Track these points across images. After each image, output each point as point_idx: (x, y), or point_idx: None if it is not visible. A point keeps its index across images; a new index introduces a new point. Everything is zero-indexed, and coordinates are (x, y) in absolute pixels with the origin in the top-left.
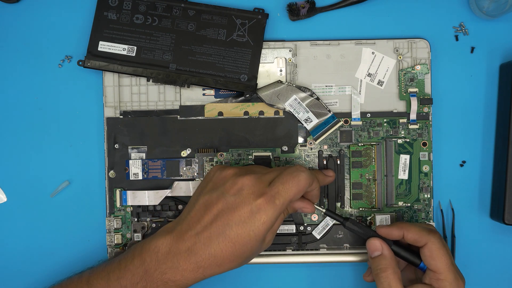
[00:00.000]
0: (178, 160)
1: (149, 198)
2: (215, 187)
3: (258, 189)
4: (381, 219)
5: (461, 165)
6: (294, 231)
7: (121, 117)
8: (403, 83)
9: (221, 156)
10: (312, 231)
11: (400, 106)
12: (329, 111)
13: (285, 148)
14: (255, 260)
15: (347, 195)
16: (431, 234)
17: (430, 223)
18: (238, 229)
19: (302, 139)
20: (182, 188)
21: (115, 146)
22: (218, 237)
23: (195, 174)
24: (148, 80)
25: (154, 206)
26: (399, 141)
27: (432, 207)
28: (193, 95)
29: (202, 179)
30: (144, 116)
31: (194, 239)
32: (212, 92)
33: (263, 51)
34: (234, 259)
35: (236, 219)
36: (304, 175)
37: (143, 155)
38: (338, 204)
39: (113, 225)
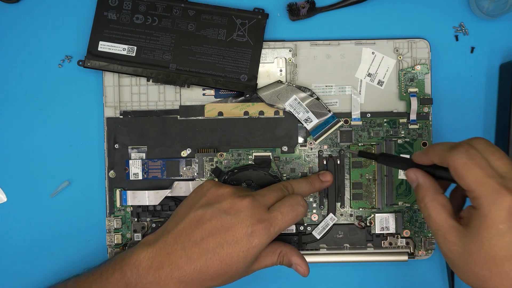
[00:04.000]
0: (178, 160)
1: (149, 198)
2: (209, 203)
3: (256, 214)
4: (381, 219)
5: None
6: (294, 231)
7: (121, 117)
8: (403, 83)
9: (221, 156)
10: (312, 231)
11: (400, 106)
12: (329, 111)
13: (285, 148)
14: None
15: (347, 195)
16: (452, 151)
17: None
18: (229, 248)
19: (302, 139)
20: (182, 188)
21: (115, 146)
22: (207, 254)
23: (195, 174)
24: (148, 80)
25: (154, 206)
26: (399, 141)
27: None
28: (193, 95)
29: (194, 189)
30: (144, 116)
31: (180, 253)
32: (212, 92)
33: (263, 51)
34: (217, 277)
35: (229, 239)
36: (303, 210)
37: (143, 155)
38: (338, 204)
39: (113, 225)
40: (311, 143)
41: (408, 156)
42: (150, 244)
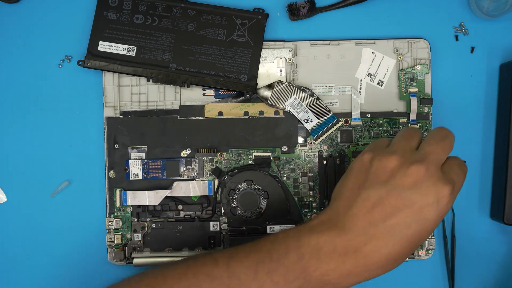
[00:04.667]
0: (178, 160)
1: (149, 198)
2: (380, 181)
3: (438, 178)
4: None
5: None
6: None
7: (121, 117)
8: (403, 83)
9: (221, 156)
10: None
11: (400, 106)
12: (329, 111)
13: (285, 148)
14: None
15: None
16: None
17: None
18: (418, 226)
19: (302, 139)
20: (182, 188)
21: (115, 146)
22: (394, 237)
23: (195, 174)
24: (148, 80)
25: (154, 206)
26: None
27: None
28: (193, 95)
29: (349, 168)
30: (144, 116)
31: (363, 239)
32: (212, 92)
33: (263, 51)
34: (400, 260)
35: (416, 216)
36: (466, 169)
37: (143, 155)
38: None
39: (113, 225)
40: (311, 143)
41: None
42: (329, 227)
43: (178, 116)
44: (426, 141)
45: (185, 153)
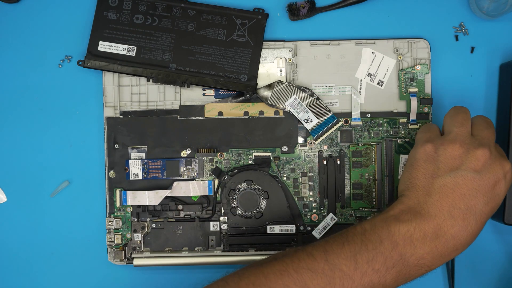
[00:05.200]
0: (178, 160)
1: (149, 198)
2: (452, 168)
3: (499, 157)
4: None
5: None
6: (294, 231)
7: (121, 117)
8: (403, 83)
9: (221, 156)
10: (312, 231)
11: (400, 106)
12: (329, 111)
13: (285, 148)
14: (253, 259)
15: (347, 195)
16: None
17: None
18: (493, 202)
19: (302, 139)
20: (182, 188)
21: (115, 146)
22: (476, 216)
23: (195, 174)
24: (148, 80)
25: (154, 206)
26: (399, 141)
27: None
28: (193, 95)
29: (414, 159)
30: (144, 116)
31: (451, 222)
32: (212, 92)
33: (263, 51)
34: (478, 235)
35: (491, 194)
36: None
37: (143, 155)
38: (338, 204)
39: (113, 225)
40: (311, 143)
41: None
42: (411, 216)
43: (178, 116)
44: (477, 128)
45: (185, 153)
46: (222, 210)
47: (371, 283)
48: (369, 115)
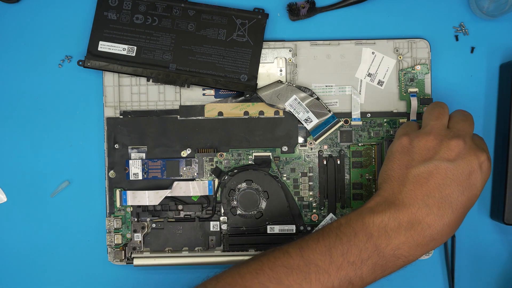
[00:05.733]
0: (178, 160)
1: (149, 198)
2: (426, 158)
3: (474, 148)
4: None
5: None
6: (294, 231)
7: (121, 117)
8: (403, 83)
9: (221, 156)
10: (312, 231)
11: (400, 106)
12: (329, 111)
13: (285, 148)
14: None
15: (347, 195)
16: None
17: None
18: (469, 192)
19: (302, 139)
20: (182, 188)
21: (115, 146)
22: (451, 205)
23: (195, 174)
24: (148, 80)
25: (154, 206)
26: None
27: None
28: (193, 95)
29: (391, 151)
30: (144, 116)
31: (425, 210)
32: (212, 92)
33: (263, 51)
34: (457, 226)
35: (466, 183)
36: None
37: (143, 155)
38: (338, 204)
39: (113, 225)
40: (311, 143)
41: None
42: (388, 204)
43: (178, 116)
44: (454, 120)
45: (185, 153)
46: (222, 210)
47: (347, 276)
48: (369, 115)
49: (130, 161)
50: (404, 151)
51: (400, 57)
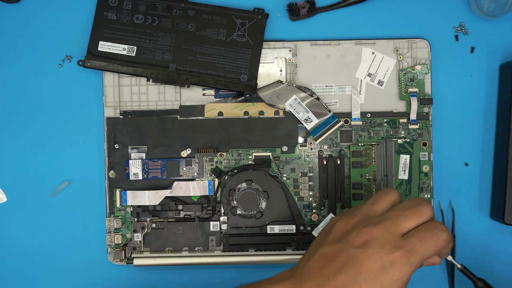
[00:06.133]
0: (178, 160)
1: (149, 198)
2: (336, 239)
3: (390, 242)
4: None
5: (466, 164)
6: (294, 231)
7: (121, 117)
8: (403, 83)
9: (221, 156)
10: (312, 231)
11: (400, 106)
12: (329, 111)
13: (285, 148)
14: (253, 259)
15: (347, 195)
16: None
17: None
18: (367, 285)
19: (302, 139)
20: (182, 188)
21: (115, 146)
22: None
23: (195, 174)
24: (148, 80)
25: (154, 206)
26: (399, 141)
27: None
28: (193, 95)
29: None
30: (144, 116)
31: None
32: (212, 92)
33: (263, 51)
34: None
35: (364, 275)
36: (445, 235)
37: (143, 155)
38: (338, 205)
39: (113, 225)
40: (311, 143)
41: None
42: (285, 278)
43: (178, 116)
44: (395, 207)
45: (185, 153)
46: (222, 210)
47: None
48: (369, 115)
49: (130, 161)
50: (326, 229)
51: (400, 57)
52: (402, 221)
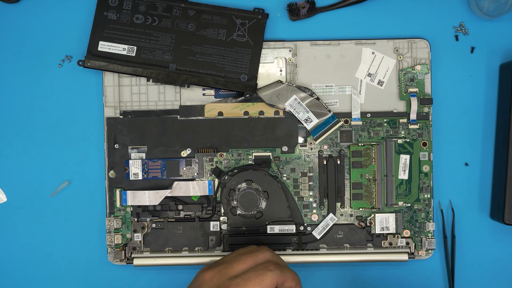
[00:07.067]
0: (178, 160)
1: (149, 198)
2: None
3: (217, 283)
4: (381, 219)
5: (466, 164)
6: (294, 231)
7: (121, 117)
8: (403, 83)
9: (221, 156)
10: (312, 231)
11: (400, 106)
12: (329, 111)
13: (285, 148)
14: None
15: (347, 195)
16: None
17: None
18: None
19: (302, 139)
20: (182, 188)
21: (115, 146)
22: None
23: (195, 174)
24: (148, 80)
25: (154, 206)
26: (399, 141)
27: (432, 207)
28: (193, 95)
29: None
30: (144, 116)
31: None
32: (212, 92)
33: (263, 51)
34: None
35: None
36: (272, 275)
37: (143, 155)
38: (338, 204)
39: (113, 225)
40: (311, 143)
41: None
42: None
43: (178, 116)
44: (234, 251)
45: (185, 153)
46: (222, 210)
47: None
48: (369, 115)
49: (130, 161)
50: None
51: (400, 57)
52: (236, 264)
